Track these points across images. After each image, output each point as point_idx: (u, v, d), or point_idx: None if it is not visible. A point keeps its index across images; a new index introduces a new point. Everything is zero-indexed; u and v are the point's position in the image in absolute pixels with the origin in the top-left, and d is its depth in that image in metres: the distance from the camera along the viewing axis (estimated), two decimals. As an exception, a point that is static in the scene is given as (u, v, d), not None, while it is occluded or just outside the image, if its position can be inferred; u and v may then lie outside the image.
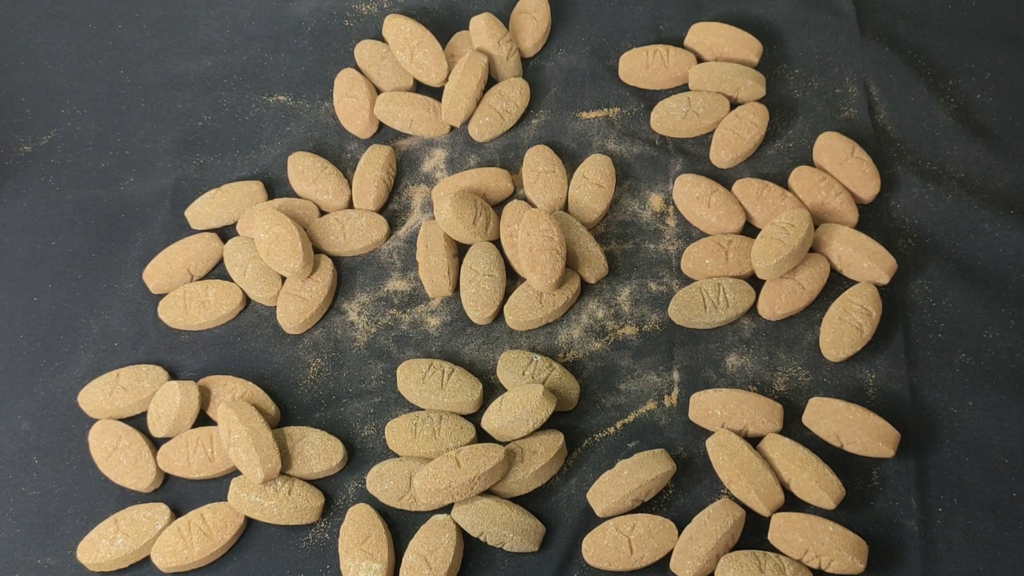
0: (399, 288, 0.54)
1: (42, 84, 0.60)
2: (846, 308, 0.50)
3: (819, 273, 0.51)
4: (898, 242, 0.53)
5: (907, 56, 0.59)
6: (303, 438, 0.49)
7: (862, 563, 0.45)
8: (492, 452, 0.47)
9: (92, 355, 0.52)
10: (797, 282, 0.51)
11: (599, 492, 0.47)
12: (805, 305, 0.51)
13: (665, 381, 0.51)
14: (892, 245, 0.53)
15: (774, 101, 0.57)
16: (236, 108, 0.59)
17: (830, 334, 0.50)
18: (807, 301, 0.51)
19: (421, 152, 0.57)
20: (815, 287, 0.51)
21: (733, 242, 0.52)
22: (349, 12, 0.61)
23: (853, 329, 0.49)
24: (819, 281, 0.51)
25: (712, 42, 0.58)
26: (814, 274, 0.51)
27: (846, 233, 0.52)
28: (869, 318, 0.50)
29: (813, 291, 0.51)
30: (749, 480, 0.46)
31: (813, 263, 0.51)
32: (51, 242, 0.56)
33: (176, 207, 0.56)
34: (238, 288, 0.53)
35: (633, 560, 0.46)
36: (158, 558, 0.47)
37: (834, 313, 0.50)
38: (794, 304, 0.51)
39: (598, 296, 0.53)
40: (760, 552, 0.45)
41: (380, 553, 0.46)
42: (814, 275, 0.51)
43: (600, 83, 0.58)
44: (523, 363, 0.50)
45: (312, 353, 0.52)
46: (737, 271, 0.52)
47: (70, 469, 0.50)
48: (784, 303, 0.51)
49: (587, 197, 0.54)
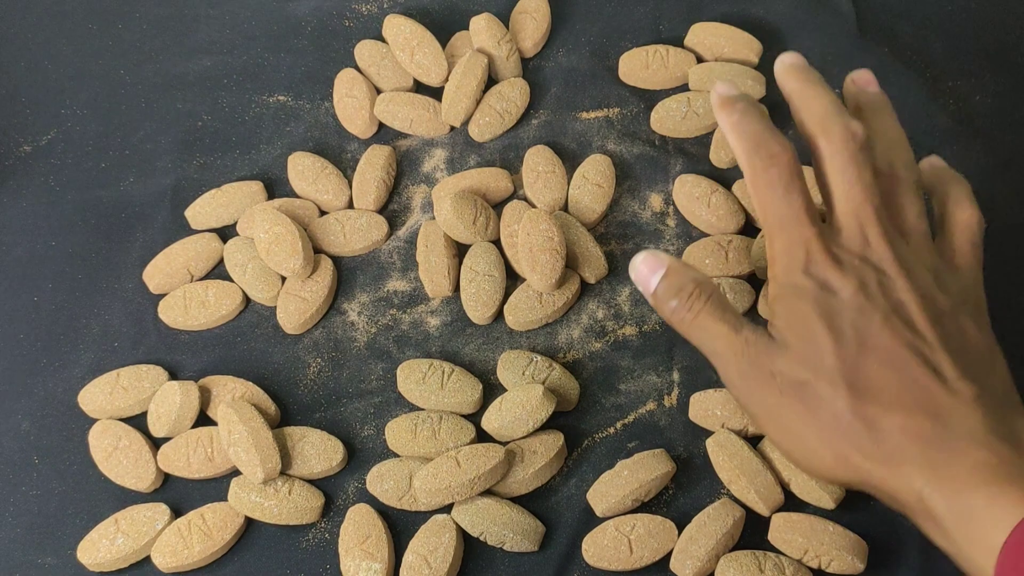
0: (399, 288, 0.54)
1: (42, 84, 0.60)
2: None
3: (819, 273, 0.51)
4: (898, 242, 0.53)
5: (906, 57, 0.59)
6: (303, 438, 0.49)
7: (862, 563, 0.45)
8: (492, 452, 0.47)
9: (92, 355, 0.52)
10: (797, 282, 0.51)
11: (599, 492, 0.47)
12: (805, 305, 0.51)
13: (665, 381, 0.51)
14: (892, 245, 0.53)
15: (774, 101, 0.57)
16: (236, 108, 0.59)
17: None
18: (807, 301, 0.51)
19: (421, 152, 0.57)
20: (815, 287, 0.51)
21: (733, 242, 0.52)
22: (349, 12, 0.61)
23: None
24: (819, 281, 0.51)
25: (712, 42, 0.58)
26: (814, 274, 0.51)
27: (846, 233, 0.52)
28: (869, 318, 0.50)
29: (813, 291, 0.51)
30: (749, 480, 0.46)
31: (813, 263, 0.51)
32: (51, 242, 0.56)
33: (176, 207, 0.56)
34: (238, 288, 0.53)
35: (633, 560, 0.46)
36: (158, 558, 0.47)
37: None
38: (794, 304, 0.51)
39: (598, 296, 0.53)
40: (760, 552, 0.45)
41: (380, 553, 0.46)
42: (814, 275, 0.51)
43: (600, 83, 0.58)
44: (523, 363, 0.50)
45: (312, 353, 0.52)
46: (737, 271, 0.52)
47: (70, 469, 0.50)
48: (784, 303, 0.51)
49: (587, 197, 0.54)
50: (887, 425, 0.38)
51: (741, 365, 0.41)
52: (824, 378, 0.39)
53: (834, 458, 0.39)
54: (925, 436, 0.38)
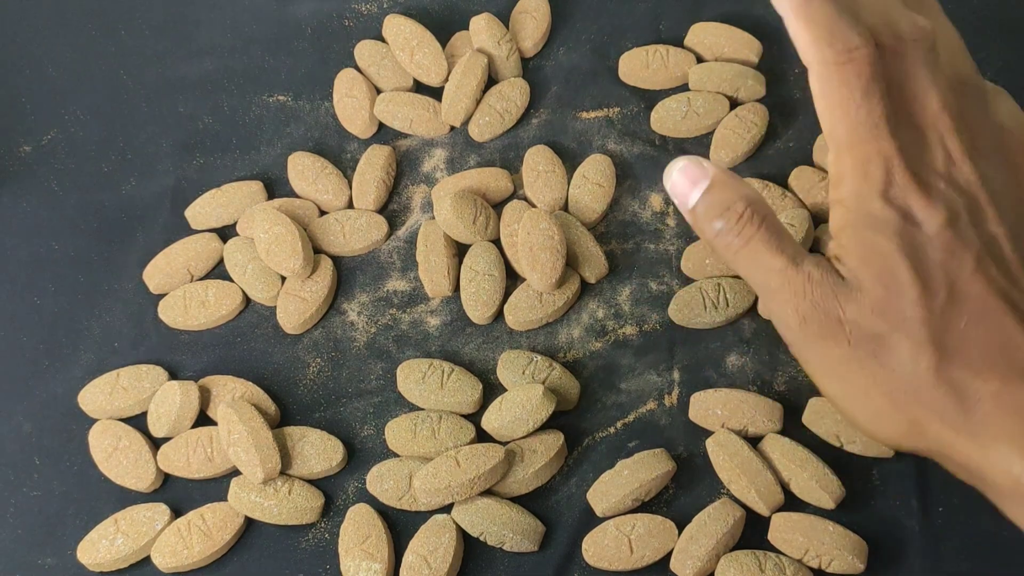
0: (399, 288, 0.54)
1: (43, 86, 0.61)
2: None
3: (819, 272, 0.51)
4: (899, 241, 0.53)
5: (908, 55, 0.58)
6: (303, 438, 0.49)
7: (862, 563, 0.45)
8: (492, 452, 0.47)
9: (92, 355, 0.52)
10: (797, 281, 0.51)
11: (599, 492, 0.47)
12: (805, 304, 0.51)
13: (665, 381, 0.51)
14: (893, 244, 0.53)
15: (774, 101, 0.57)
16: (237, 109, 0.59)
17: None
18: (807, 300, 0.51)
19: (421, 152, 0.57)
20: (815, 286, 0.51)
21: (733, 241, 0.52)
22: (349, 12, 0.61)
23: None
24: (819, 280, 0.51)
25: (712, 42, 0.58)
26: (814, 273, 0.51)
27: (846, 232, 0.51)
28: (869, 317, 0.50)
29: (813, 290, 0.51)
30: (749, 480, 0.46)
31: (813, 262, 0.51)
32: (52, 244, 0.56)
33: (176, 207, 0.56)
34: (238, 288, 0.53)
35: (633, 560, 0.46)
36: (158, 558, 0.47)
37: (834, 312, 0.50)
38: (794, 303, 0.51)
39: (598, 296, 0.53)
40: (760, 552, 0.45)
41: (380, 553, 0.46)
42: (814, 274, 0.51)
43: (600, 83, 0.58)
44: (523, 363, 0.50)
45: (312, 353, 0.52)
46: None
47: (70, 469, 0.50)
48: (784, 302, 0.51)
49: (587, 197, 0.54)
50: (979, 392, 0.33)
51: (802, 307, 0.35)
52: (906, 331, 0.33)
53: (908, 424, 0.34)
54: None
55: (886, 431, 0.35)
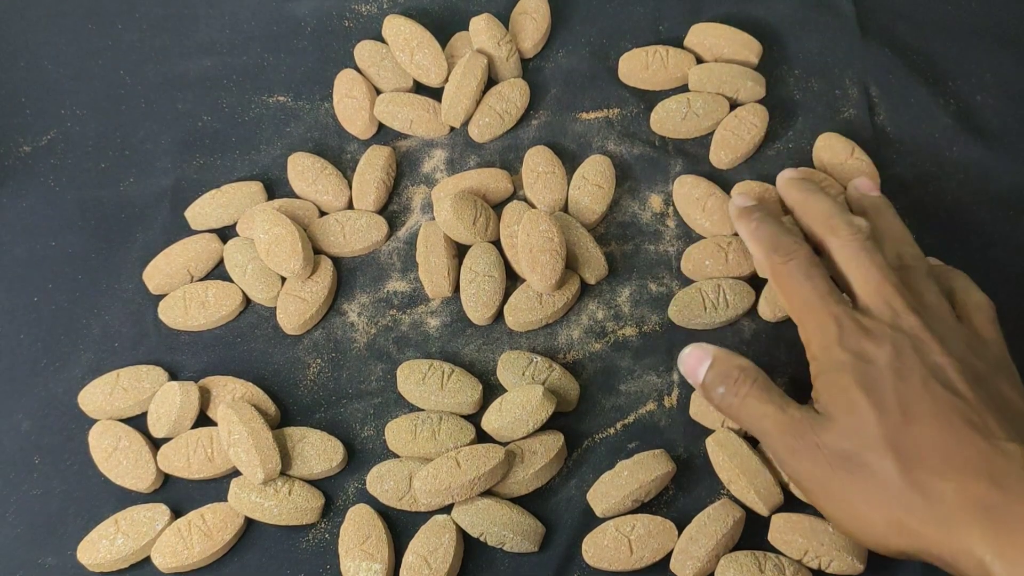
0: (399, 289, 0.54)
1: (42, 84, 0.60)
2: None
3: (819, 274, 0.51)
4: (898, 243, 0.53)
5: (907, 57, 0.59)
6: (303, 438, 0.49)
7: (862, 563, 0.45)
8: (492, 453, 0.47)
9: (92, 355, 0.52)
10: (797, 283, 0.51)
11: (599, 493, 0.47)
12: (805, 306, 0.51)
13: (665, 382, 0.51)
14: (892, 246, 0.53)
15: (774, 102, 0.57)
16: (236, 108, 0.59)
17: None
18: (807, 302, 0.51)
19: (421, 153, 0.57)
20: (815, 288, 0.51)
21: (733, 243, 0.52)
22: (349, 12, 0.61)
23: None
24: (819, 282, 0.51)
25: (712, 43, 0.58)
26: (814, 275, 0.51)
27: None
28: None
29: (813, 292, 0.51)
30: (749, 480, 0.46)
31: (813, 264, 0.51)
32: (51, 242, 0.56)
33: (176, 207, 0.56)
34: (238, 289, 0.53)
35: (633, 560, 0.46)
36: (158, 558, 0.47)
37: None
38: (794, 305, 0.51)
39: (598, 297, 0.53)
40: (760, 552, 0.45)
41: (380, 553, 0.46)
42: (814, 276, 0.51)
43: (600, 84, 0.58)
44: (523, 364, 0.50)
45: (312, 354, 0.52)
46: (737, 272, 0.52)
47: (71, 469, 0.50)
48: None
49: (587, 198, 0.54)
50: (941, 489, 0.38)
51: (788, 441, 0.42)
52: (870, 447, 0.40)
53: (887, 525, 0.39)
54: (984, 501, 0.37)
55: (872, 534, 0.40)
